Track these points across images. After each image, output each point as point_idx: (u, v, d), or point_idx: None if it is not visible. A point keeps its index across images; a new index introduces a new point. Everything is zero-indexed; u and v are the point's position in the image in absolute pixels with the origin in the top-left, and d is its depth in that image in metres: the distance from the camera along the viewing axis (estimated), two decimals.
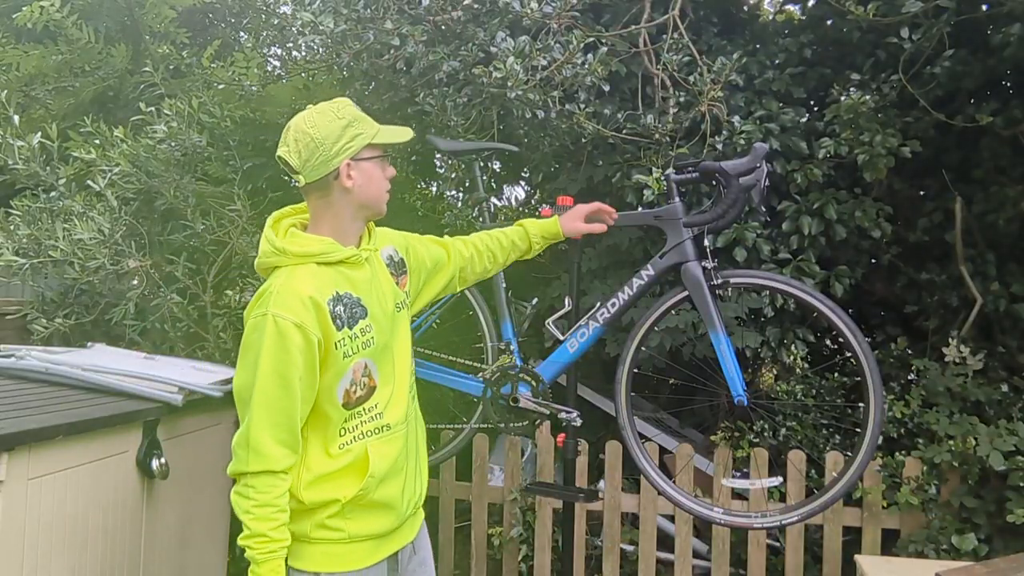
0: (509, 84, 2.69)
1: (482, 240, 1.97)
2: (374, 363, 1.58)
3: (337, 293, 1.51)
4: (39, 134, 3.06)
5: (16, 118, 3.03)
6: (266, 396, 1.44)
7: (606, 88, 3.03)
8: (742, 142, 2.97)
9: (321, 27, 2.90)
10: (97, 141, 3.17)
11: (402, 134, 1.64)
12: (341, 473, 1.54)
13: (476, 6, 2.93)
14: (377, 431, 1.58)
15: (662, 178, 2.82)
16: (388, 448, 1.59)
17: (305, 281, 1.48)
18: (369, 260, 1.62)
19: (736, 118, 3.03)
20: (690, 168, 2.13)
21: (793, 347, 3.20)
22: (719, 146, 3.00)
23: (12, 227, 3.09)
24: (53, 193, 3.14)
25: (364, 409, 1.57)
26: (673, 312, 2.38)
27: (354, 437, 1.56)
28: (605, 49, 2.87)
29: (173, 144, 3.19)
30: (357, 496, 1.53)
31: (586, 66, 2.82)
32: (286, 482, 1.48)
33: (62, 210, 3.11)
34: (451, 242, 1.92)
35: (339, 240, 1.55)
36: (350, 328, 1.51)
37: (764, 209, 2.07)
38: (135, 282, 3.21)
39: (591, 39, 2.88)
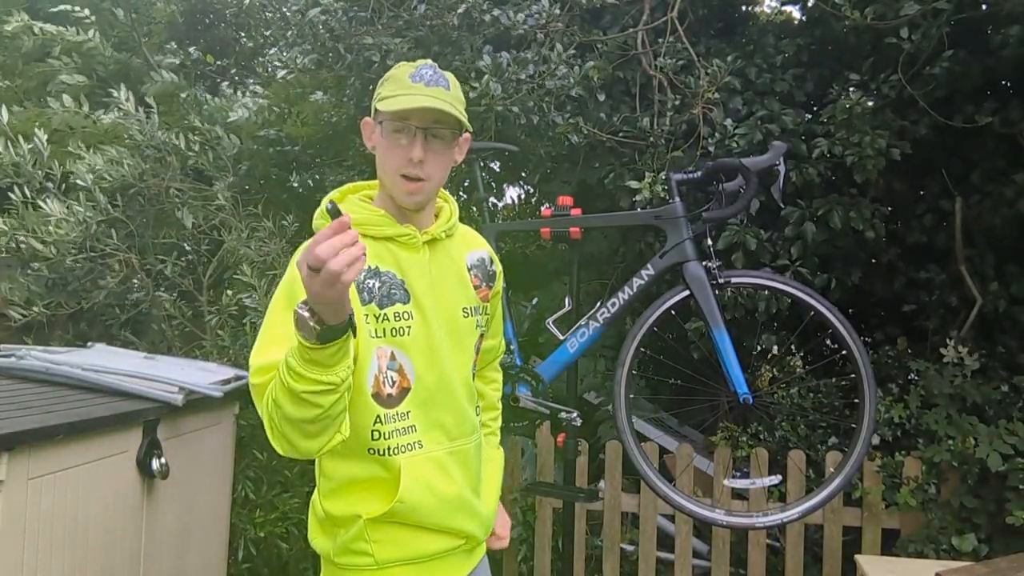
0: (483, 103, 2.70)
1: (488, 390, 1.64)
2: (408, 359, 1.32)
3: (376, 267, 1.31)
4: (29, 145, 3.12)
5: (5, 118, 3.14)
6: (271, 322, 1.25)
7: (601, 97, 3.03)
8: (735, 144, 2.97)
9: (291, 62, 2.93)
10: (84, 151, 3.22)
11: (413, 99, 1.26)
12: (366, 485, 1.30)
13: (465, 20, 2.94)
14: (409, 447, 1.31)
15: (660, 179, 2.83)
16: (429, 472, 1.32)
17: None
18: (432, 246, 1.38)
19: (729, 120, 3.03)
20: (689, 169, 2.15)
21: (792, 348, 3.20)
22: (711, 148, 2.99)
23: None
24: (44, 194, 3.18)
25: (397, 414, 1.31)
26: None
27: (388, 448, 1.29)
28: (592, 64, 2.88)
29: (142, 140, 3.25)
30: (384, 515, 1.29)
31: (570, 78, 2.82)
32: None
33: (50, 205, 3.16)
34: (494, 364, 1.66)
35: (396, 217, 1.35)
36: (380, 307, 1.29)
37: (783, 205, 2.08)
38: (136, 281, 3.22)
39: (573, 50, 2.88)
